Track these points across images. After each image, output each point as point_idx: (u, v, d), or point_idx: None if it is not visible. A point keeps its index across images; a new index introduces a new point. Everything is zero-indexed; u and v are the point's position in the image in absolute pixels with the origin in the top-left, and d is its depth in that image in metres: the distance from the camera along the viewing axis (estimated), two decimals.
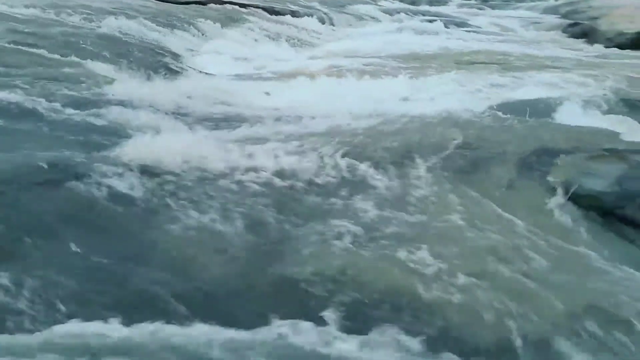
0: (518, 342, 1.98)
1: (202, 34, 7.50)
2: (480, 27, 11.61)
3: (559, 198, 2.89)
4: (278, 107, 4.23)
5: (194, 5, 8.98)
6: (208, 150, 3.11)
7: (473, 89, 5.18)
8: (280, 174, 3.00)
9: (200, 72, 5.71)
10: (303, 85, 4.94)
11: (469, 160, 3.16)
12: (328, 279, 2.22)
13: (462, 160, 3.17)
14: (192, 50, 6.70)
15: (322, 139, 3.47)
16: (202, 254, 2.35)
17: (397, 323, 2.01)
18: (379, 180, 3.00)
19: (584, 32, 10.36)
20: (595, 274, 2.42)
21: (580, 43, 9.76)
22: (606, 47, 9.10)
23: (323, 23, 10.38)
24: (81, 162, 2.83)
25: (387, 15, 12.19)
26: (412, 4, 15.18)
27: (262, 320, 1.98)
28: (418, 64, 6.71)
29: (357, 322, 2.02)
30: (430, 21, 11.31)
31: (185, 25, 7.48)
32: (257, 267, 2.32)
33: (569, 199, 2.89)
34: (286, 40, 8.21)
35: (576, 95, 4.85)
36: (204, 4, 9.16)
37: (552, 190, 2.94)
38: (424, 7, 14.61)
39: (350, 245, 2.44)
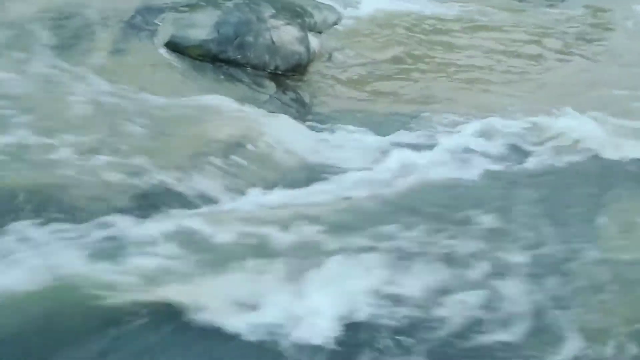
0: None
1: None
2: None
3: (169, 53, 3.00)
4: None
5: None
6: None
7: None
8: None
9: None
10: None
11: (69, 32, 2.92)
12: None
13: (61, 33, 2.90)
14: None
15: None
16: None
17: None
18: None
19: None
20: (223, 113, 2.66)
21: None
22: None
23: None
24: None
25: None
26: None
27: None
28: None
29: None
30: None
31: None
32: None
33: (178, 51, 3.03)
34: None
35: None
36: None
37: (161, 47, 3.01)
38: None
39: None
